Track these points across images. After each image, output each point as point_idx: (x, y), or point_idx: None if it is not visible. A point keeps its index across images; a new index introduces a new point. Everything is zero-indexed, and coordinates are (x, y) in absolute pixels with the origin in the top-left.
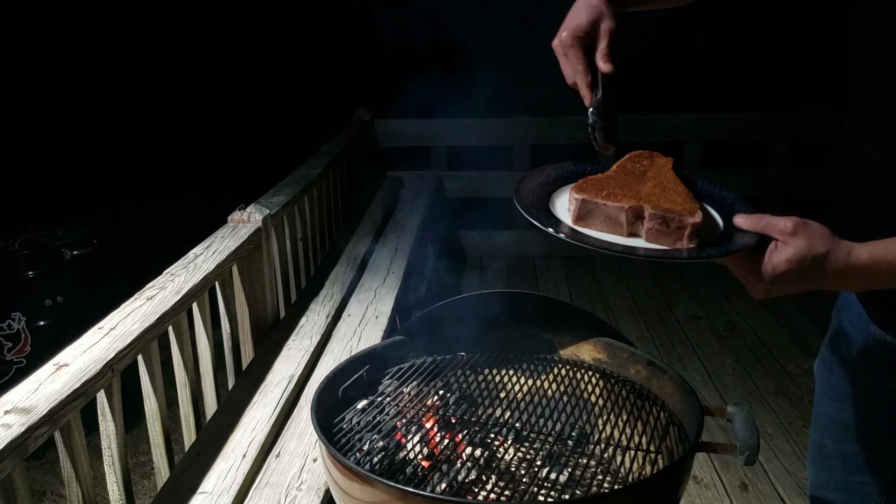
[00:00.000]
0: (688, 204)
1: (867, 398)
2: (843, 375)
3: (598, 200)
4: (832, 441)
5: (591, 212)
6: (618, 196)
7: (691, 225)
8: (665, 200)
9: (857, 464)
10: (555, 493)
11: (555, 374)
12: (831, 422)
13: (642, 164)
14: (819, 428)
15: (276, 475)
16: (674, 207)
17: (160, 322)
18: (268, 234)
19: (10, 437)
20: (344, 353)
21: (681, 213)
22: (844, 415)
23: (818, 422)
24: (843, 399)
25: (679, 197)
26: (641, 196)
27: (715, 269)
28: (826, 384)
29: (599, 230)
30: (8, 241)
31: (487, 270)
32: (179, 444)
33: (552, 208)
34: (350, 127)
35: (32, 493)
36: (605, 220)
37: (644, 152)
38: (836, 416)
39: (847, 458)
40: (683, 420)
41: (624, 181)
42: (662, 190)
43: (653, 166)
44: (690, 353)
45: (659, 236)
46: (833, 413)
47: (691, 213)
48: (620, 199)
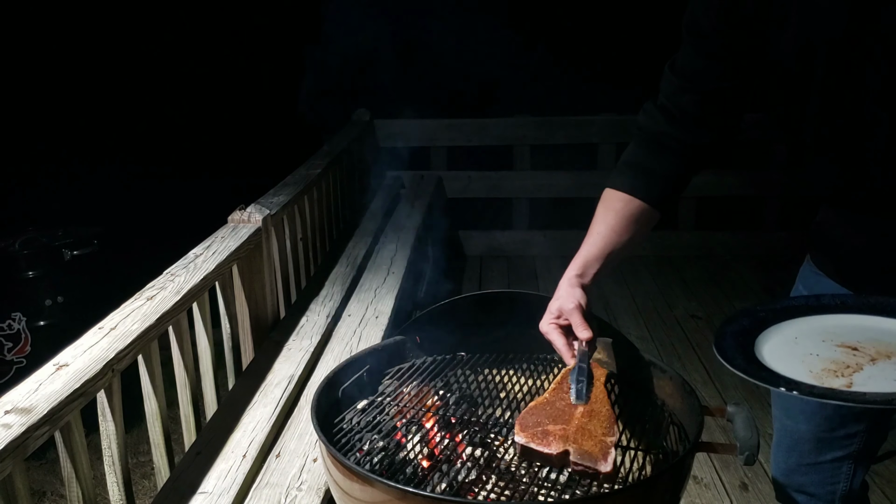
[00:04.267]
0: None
1: None
2: None
3: (532, 445)
4: (807, 425)
5: (529, 453)
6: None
7: (603, 472)
8: (588, 438)
9: (830, 442)
10: (555, 493)
11: (555, 374)
12: (808, 405)
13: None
14: (792, 415)
15: (277, 475)
16: (592, 451)
17: (160, 322)
18: (268, 234)
19: (10, 437)
20: (344, 353)
21: (596, 460)
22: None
23: (791, 408)
24: None
25: (601, 427)
26: (570, 434)
27: (715, 268)
28: None
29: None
30: (8, 241)
31: (487, 270)
32: (179, 444)
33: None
34: (350, 127)
35: (32, 493)
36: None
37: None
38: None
39: (820, 440)
40: (683, 420)
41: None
42: (590, 419)
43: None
44: (690, 352)
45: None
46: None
47: (604, 457)
48: (551, 442)
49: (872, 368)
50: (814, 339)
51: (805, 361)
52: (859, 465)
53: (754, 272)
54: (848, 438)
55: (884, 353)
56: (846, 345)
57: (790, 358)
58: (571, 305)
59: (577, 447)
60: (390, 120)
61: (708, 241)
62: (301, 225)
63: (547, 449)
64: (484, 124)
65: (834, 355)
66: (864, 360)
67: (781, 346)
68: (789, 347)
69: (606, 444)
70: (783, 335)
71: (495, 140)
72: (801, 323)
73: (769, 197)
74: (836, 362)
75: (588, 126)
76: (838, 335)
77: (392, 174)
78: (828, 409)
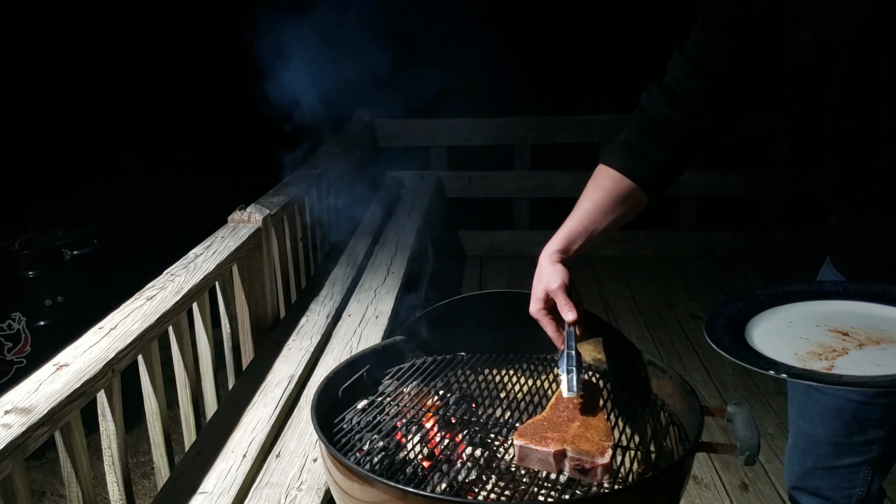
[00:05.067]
0: (602, 443)
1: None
2: None
3: (531, 445)
4: (823, 429)
5: (528, 455)
6: (547, 440)
7: (601, 465)
8: (584, 441)
9: (848, 447)
10: (555, 494)
11: (555, 373)
12: (825, 408)
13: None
14: (809, 418)
15: (277, 475)
16: (589, 449)
17: (160, 322)
18: (268, 234)
19: (10, 437)
20: (344, 353)
21: (592, 455)
22: (839, 401)
23: (807, 411)
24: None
25: (598, 434)
26: (567, 438)
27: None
28: None
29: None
30: (8, 241)
31: (487, 270)
32: (179, 444)
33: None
34: (350, 127)
35: (32, 493)
36: (539, 460)
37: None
38: (830, 403)
39: (838, 444)
40: (683, 420)
41: (557, 421)
42: (586, 429)
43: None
44: (690, 352)
45: (579, 474)
46: (828, 400)
47: (601, 453)
48: (549, 443)
49: (858, 353)
50: (808, 324)
51: (793, 345)
52: (877, 472)
53: (755, 272)
54: (866, 445)
55: (874, 339)
56: (838, 330)
57: (779, 341)
58: (556, 285)
59: (574, 447)
60: (390, 120)
61: (709, 241)
62: (301, 225)
63: (545, 448)
64: (484, 124)
65: (823, 339)
66: (852, 345)
67: (773, 330)
68: (781, 331)
69: (604, 445)
70: (778, 319)
71: (495, 140)
72: (799, 308)
73: (770, 196)
74: (824, 346)
75: (589, 126)
76: (833, 320)
77: (392, 174)
78: (846, 414)
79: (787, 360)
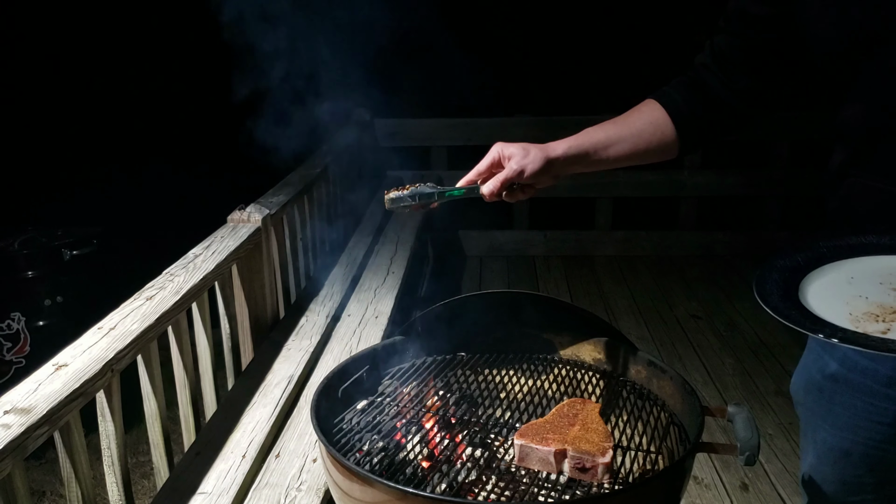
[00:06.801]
0: (602, 444)
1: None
2: (849, 406)
3: (532, 444)
4: (830, 468)
5: (528, 454)
6: (548, 440)
7: (601, 464)
8: (585, 442)
9: (858, 486)
10: (555, 494)
11: (555, 374)
12: (831, 450)
13: (575, 409)
14: (817, 454)
15: (276, 475)
16: (590, 449)
17: (160, 322)
18: (268, 234)
19: (10, 437)
20: (344, 353)
21: (593, 455)
22: (846, 443)
23: (816, 448)
24: (846, 428)
25: (598, 437)
26: (567, 439)
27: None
28: (827, 412)
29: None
30: (8, 241)
31: (487, 270)
32: (179, 445)
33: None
34: (350, 127)
35: (32, 493)
36: (539, 460)
37: (578, 400)
38: (836, 445)
39: (847, 483)
40: (684, 420)
41: (558, 425)
42: (586, 432)
43: (583, 411)
44: (691, 353)
45: (579, 473)
46: (834, 441)
47: (602, 453)
48: (550, 443)
49: None
50: (871, 281)
51: (850, 303)
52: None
53: (755, 272)
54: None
55: None
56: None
57: (835, 299)
58: (517, 165)
59: (574, 447)
60: (390, 120)
61: (709, 241)
62: (301, 225)
63: (546, 447)
64: (484, 124)
65: (884, 299)
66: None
67: (831, 286)
68: (840, 288)
69: (604, 446)
70: (839, 274)
71: (495, 140)
72: (865, 262)
73: (770, 196)
74: (883, 306)
75: (588, 126)
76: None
77: (392, 174)
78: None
79: (841, 321)
